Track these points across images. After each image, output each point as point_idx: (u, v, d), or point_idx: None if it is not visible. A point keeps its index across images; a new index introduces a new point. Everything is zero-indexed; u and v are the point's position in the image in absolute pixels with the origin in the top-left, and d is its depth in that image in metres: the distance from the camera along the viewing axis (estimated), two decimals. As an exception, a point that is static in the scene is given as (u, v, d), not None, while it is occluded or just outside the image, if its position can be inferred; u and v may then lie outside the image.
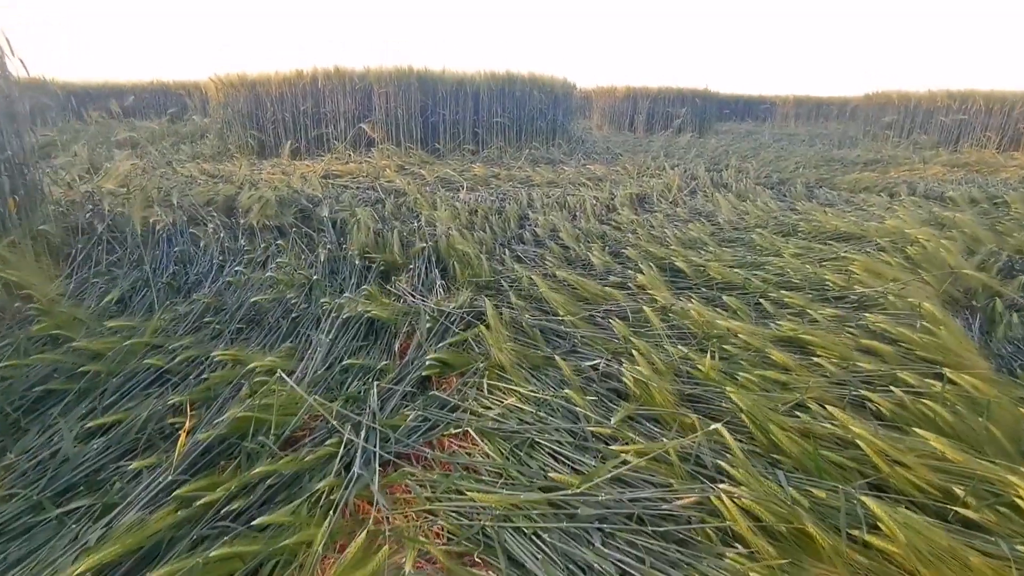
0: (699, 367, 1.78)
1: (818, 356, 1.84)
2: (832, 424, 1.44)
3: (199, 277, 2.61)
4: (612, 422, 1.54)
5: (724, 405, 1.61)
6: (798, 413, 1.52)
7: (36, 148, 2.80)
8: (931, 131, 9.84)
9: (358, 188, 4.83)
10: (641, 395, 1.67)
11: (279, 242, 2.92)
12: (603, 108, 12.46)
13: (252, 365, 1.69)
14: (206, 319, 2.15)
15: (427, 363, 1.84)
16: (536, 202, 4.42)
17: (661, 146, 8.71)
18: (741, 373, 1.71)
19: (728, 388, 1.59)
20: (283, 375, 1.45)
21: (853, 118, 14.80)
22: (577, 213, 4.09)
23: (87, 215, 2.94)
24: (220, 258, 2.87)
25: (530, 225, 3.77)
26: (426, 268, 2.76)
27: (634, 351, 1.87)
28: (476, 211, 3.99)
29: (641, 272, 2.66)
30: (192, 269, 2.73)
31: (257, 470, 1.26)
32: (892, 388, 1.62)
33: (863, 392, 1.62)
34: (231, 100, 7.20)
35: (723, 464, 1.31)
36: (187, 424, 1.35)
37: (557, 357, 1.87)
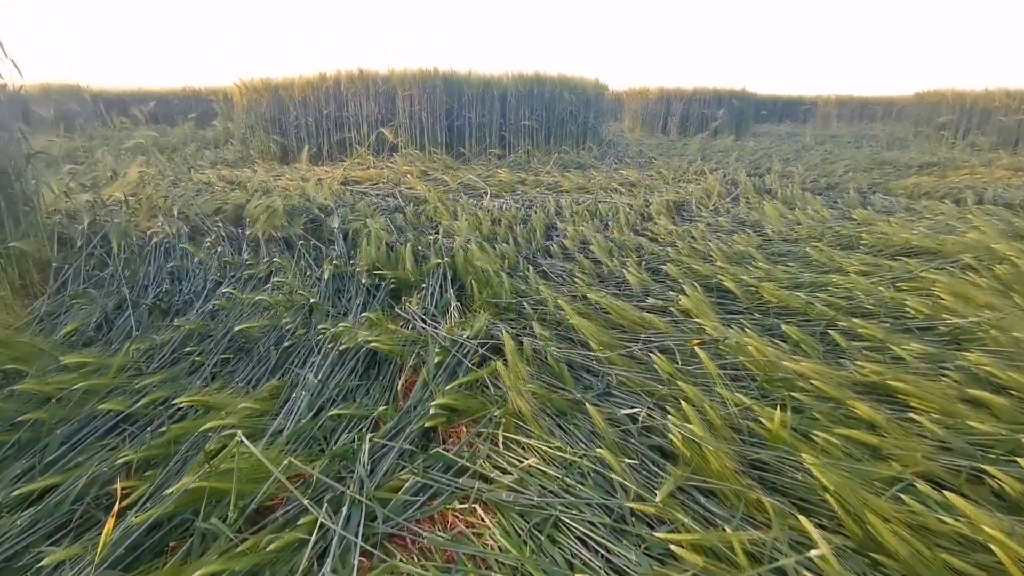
0: (762, 420, 1.44)
1: (913, 410, 1.48)
2: (954, 518, 1.09)
3: (192, 297, 2.37)
4: (657, 498, 1.22)
5: (799, 478, 1.27)
6: (901, 495, 1.18)
7: (29, 156, 2.59)
8: (989, 132, 9.19)
9: (377, 195, 4.59)
10: (692, 458, 1.35)
11: (276, 259, 2.66)
12: (635, 110, 12.04)
13: (210, 425, 1.40)
14: (187, 349, 1.90)
15: (431, 412, 1.54)
16: (565, 210, 4.11)
17: (697, 149, 8.30)
18: (818, 432, 1.37)
19: (805, 456, 1.25)
20: (243, 438, 1.18)
21: (900, 118, 14.10)
22: (609, 222, 3.76)
23: (80, 227, 2.73)
24: (219, 274, 2.63)
25: (558, 236, 3.46)
26: (440, 287, 2.47)
27: (681, 399, 1.54)
28: (499, 220, 3.69)
29: (684, 293, 2.32)
30: (187, 287, 2.49)
31: (199, 572, 0.98)
32: (1016, 459, 1.26)
33: (979, 464, 1.27)
34: (254, 105, 7.07)
35: (812, 577, 0.97)
36: (117, 505, 1.08)
37: (588, 404, 1.55)
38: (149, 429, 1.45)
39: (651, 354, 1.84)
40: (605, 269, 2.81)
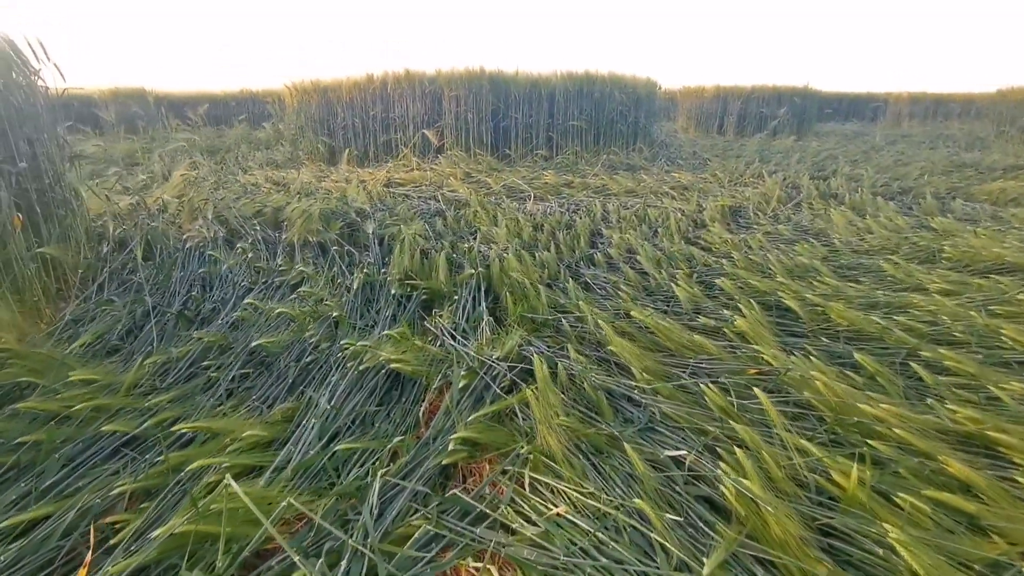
0: (833, 475, 1.23)
1: (1017, 468, 1.24)
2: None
3: (219, 304, 2.31)
4: (705, 571, 1.03)
5: (880, 554, 1.06)
6: (1012, 585, 0.96)
7: (70, 159, 2.59)
8: (1083, 131, 8.41)
9: (419, 198, 4.50)
10: (747, 518, 1.15)
11: (302, 268, 2.56)
12: (689, 109, 11.64)
13: (199, 464, 1.28)
14: (205, 362, 1.82)
15: (451, 447, 1.39)
16: (612, 215, 3.91)
17: (755, 150, 7.90)
18: (902, 495, 1.15)
19: (888, 527, 1.04)
20: (231, 481, 1.06)
21: (980, 117, 13.16)
22: (658, 229, 3.53)
23: (119, 231, 2.73)
24: (250, 280, 2.57)
25: (603, 244, 3.27)
26: (473, 299, 2.33)
27: (734, 442, 1.35)
28: (541, 226, 3.53)
29: (739, 312, 2.10)
30: (217, 294, 2.44)
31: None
32: None
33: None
34: (304, 106, 7.14)
35: None
36: (90, 555, 0.98)
37: (626, 444, 1.37)
38: (147, 457, 1.35)
39: (701, 384, 1.64)
40: (652, 281, 2.61)
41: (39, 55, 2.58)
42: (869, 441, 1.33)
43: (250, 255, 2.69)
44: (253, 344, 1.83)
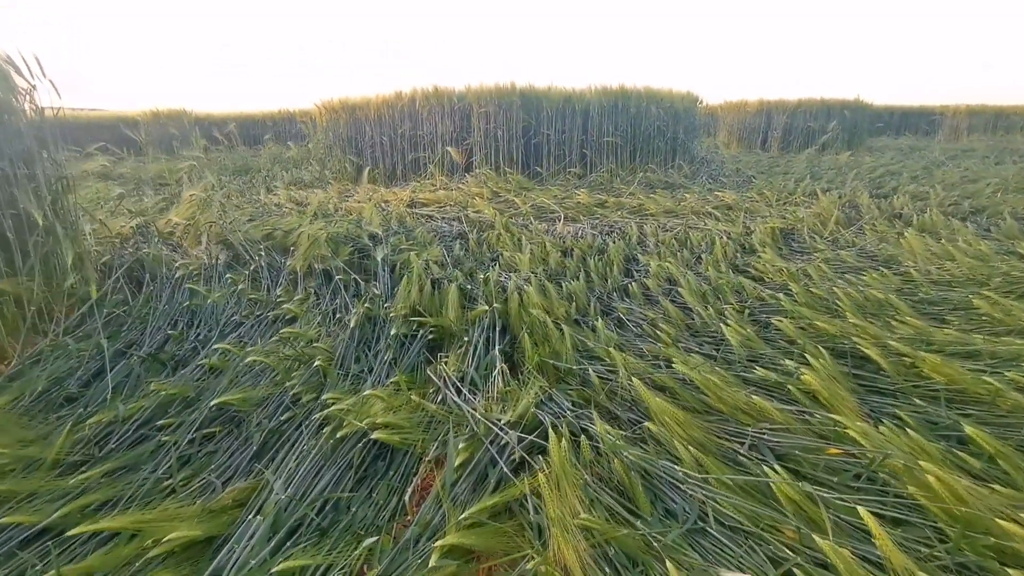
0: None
1: None
2: None
3: (198, 344, 2.05)
4: None
5: None
6: None
7: (55, 182, 2.40)
8: None
9: (442, 219, 4.23)
10: None
11: (287, 306, 2.28)
12: (731, 125, 11.18)
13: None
14: (161, 421, 1.54)
15: (433, 560, 1.06)
16: (649, 239, 3.55)
17: (805, 166, 7.41)
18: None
19: None
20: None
21: (1048, 129, 12.31)
22: (702, 255, 3.16)
23: (103, 260, 2.52)
24: (243, 313, 2.31)
25: (639, 272, 2.92)
26: (487, 341, 2.01)
27: (816, 562, 0.99)
28: (571, 251, 3.21)
29: (805, 361, 1.73)
30: (202, 330, 2.18)
31: None
32: None
33: None
34: (332, 125, 7.03)
35: None
36: None
37: (668, 561, 1.02)
38: (46, 562, 1.07)
39: (764, 465, 1.28)
40: (697, 319, 2.24)
41: (34, 72, 2.41)
42: (1007, 566, 0.95)
43: (240, 286, 2.43)
44: (214, 402, 1.55)
